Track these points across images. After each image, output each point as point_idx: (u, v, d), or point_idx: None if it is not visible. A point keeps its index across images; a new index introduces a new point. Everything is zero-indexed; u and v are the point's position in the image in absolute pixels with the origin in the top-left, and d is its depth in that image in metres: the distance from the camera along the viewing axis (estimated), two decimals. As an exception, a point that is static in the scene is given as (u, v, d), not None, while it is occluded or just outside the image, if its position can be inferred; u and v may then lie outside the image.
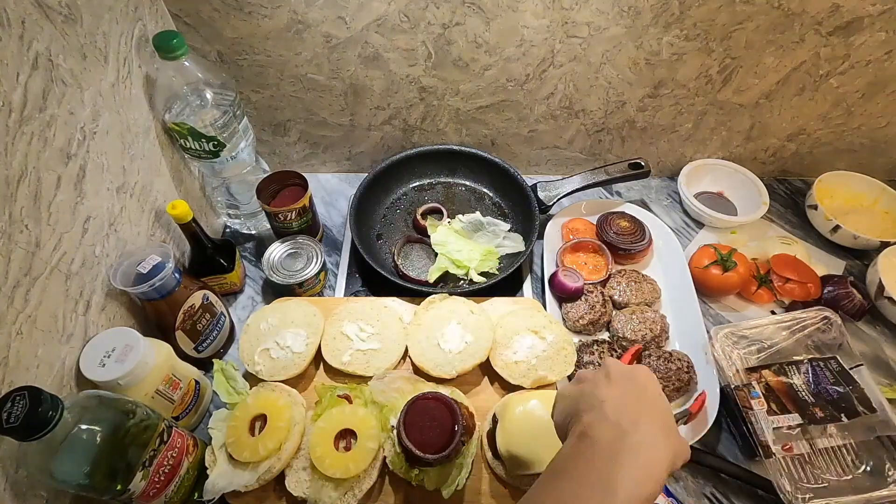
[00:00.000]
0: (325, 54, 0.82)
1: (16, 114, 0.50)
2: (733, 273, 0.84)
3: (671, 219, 1.00)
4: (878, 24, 0.79)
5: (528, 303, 0.82)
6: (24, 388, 0.44)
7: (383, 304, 0.79)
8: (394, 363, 0.73)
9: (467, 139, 0.99)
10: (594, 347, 0.77)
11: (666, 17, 0.78)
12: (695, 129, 0.97)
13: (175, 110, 0.72)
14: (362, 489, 0.61)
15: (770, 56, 0.84)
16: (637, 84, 0.88)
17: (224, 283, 0.81)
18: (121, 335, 0.59)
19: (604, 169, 0.94)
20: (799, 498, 0.62)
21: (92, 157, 0.60)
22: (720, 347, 0.75)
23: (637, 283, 0.85)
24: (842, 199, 1.01)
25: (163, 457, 0.55)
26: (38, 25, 0.52)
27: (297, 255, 0.83)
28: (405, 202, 0.98)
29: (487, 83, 0.87)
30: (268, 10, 0.75)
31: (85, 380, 0.57)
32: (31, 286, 0.52)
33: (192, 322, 0.70)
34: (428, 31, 0.79)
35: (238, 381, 0.68)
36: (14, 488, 0.50)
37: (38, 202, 0.53)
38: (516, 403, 0.65)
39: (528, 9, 0.76)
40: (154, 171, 0.74)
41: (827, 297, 0.84)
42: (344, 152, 1.01)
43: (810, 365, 0.74)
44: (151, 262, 0.64)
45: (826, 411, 0.69)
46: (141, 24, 0.69)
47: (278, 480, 0.63)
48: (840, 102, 0.92)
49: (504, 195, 0.98)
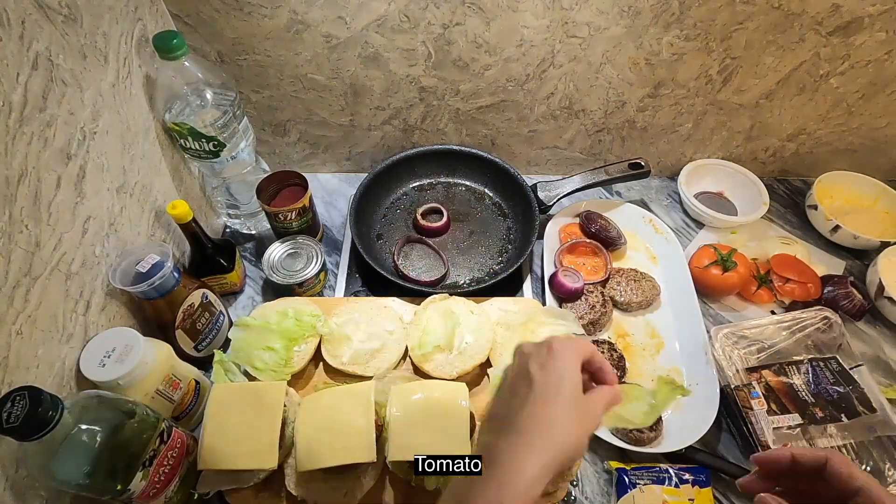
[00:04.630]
0: (325, 54, 0.82)
1: (16, 114, 0.50)
2: (733, 273, 0.84)
3: (671, 219, 1.00)
4: (878, 24, 0.79)
5: (528, 303, 0.82)
6: (24, 388, 0.44)
7: (383, 304, 0.79)
8: (394, 363, 0.73)
9: (467, 139, 0.99)
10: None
11: (666, 17, 0.78)
12: (695, 129, 0.97)
13: (175, 110, 0.72)
14: (362, 489, 0.61)
15: (770, 56, 0.84)
16: (637, 84, 0.88)
17: (224, 282, 0.81)
18: (121, 335, 0.59)
19: (604, 169, 0.94)
20: (799, 498, 0.62)
21: (92, 157, 0.60)
22: (720, 347, 0.75)
23: (637, 282, 0.85)
24: (842, 199, 1.01)
25: (163, 457, 0.55)
26: (38, 25, 0.52)
27: (297, 255, 0.83)
28: (405, 202, 0.98)
29: (487, 83, 0.87)
30: (268, 10, 0.75)
31: (85, 380, 0.57)
32: (31, 286, 0.52)
33: (192, 321, 0.70)
34: (428, 31, 0.79)
35: (237, 376, 0.68)
36: (14, 488, 0.50)
37: (38, 202, 0.53)
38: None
39: (528, 9, 0.76)
40: (154, 171, 0.74)
41: (827, 297, 0.84)
42: (344, 152, 1.01)
43: (810, 365, 0.74)
44: (150, 262, 0.64)
45: (826, 411, 0.69)
46: (141, 24, 0.69)
47: (278, 480, 0.63)
48: (840, 102, 0.92)
49: (504, 195, 0.98)
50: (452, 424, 0.61)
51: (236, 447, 0.60)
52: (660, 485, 0.65)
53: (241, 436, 0.60)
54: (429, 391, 0.64)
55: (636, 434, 0.68)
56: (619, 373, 0.75)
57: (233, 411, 0.62)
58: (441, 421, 0.61)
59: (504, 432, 0.41)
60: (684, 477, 0.66)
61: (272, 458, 0.60)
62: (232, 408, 0.62)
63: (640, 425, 0.50)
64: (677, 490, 0.65)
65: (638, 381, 0.76)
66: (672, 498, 0.65)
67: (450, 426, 0.61)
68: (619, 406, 0.46)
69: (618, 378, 0.74)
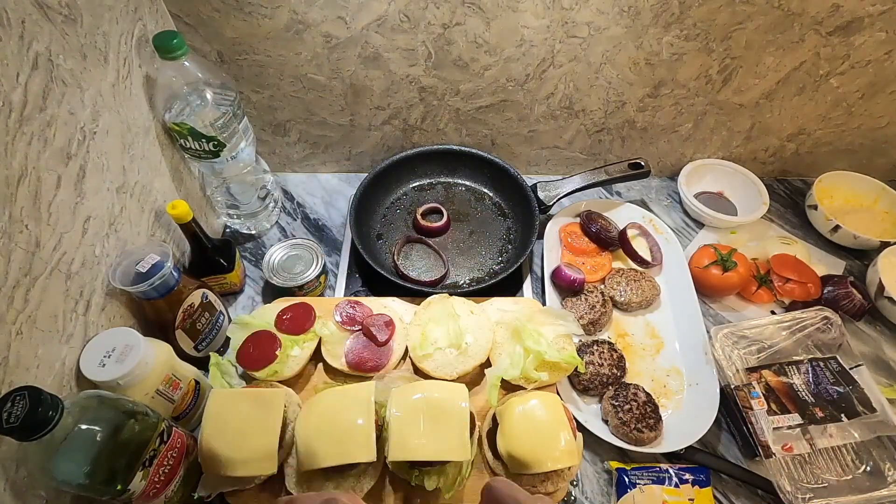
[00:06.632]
0: (325, 54, 0.82)
1: (16, 114, 0.50)
2: (733, 273, 0.84)
3: (671, 219, 1.00)
4: (878, 24, 0.79)
5: (528, 303, 0.82)
6: (24, 388, 0.44)
7: (383, 304, 0.79)
8: (394, 363, 0.73)
9: (467, 139, 0.99)
10: (594, 347, 0.77)
11: (666, 17, 0.78)
12: (695, 129, 0.97)
13: (175, 110, 0.71)
14: (362, 489, 0.61)
15: (770, 56, 0.84)
16: (637, 84, 0.88)
17: (224, 283, 0.81)
18: (121, 335, 0.59)
19: (604, 169, 0.94)
20: (799, 498, 0.62)
21: (92, 157, 0.60)
22: (720, 347, 0.75)
23: (637, 282, 0.85)
24: (842, 199, 1.01)
25: (163, 457, 0.55)
26: (38, 25, 0.52)
27: (297, 257, 0.83)
28: (405, 202, 0.98)
29: (487, 83, 0.87)
30: (268, 10, 0.75)
31: (85, 380, 0.57)
32: (31, 286, 0.52)
33: (192, 321, 0.70)
34: (428, 31, 0.79)
35: (233, 378, 0.68)
36: (14, 488, 0.50)
37: (38, 202, 0.53)
38: (517, 404, 0.65)
39: (528, 9, 0.76)
40: (154, 171, 0.74)
41: (827, 297, 0.84)
42: (344, 152, 1.01)
43: (810, 365, 0.74)
44: (150, 262, 0.64)
45: (826, 411, 0.69)
46: (141, 24, 0.69)
47: (278, 480, 0.63)
48: (840, 102, 0.92)
49: (504, 195, 0.98)
50: (453, 425, 0.61)
51: (235, 454, 0.59)
52: (660, 485, 0.65)
53: (240, 442, 0.60)
54: (429, 391, 0.64)
55: (636, 434, 0.68)
56: (619, 373, 0.75)
57: (232, 417, 0.62)
58: (441, 421, 0.61)
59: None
60: (684, 477, 0.66)
61: (272, 464, 0.60)
62: (231, 413, 0.62)
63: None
64: (677, 490, 0.65)
65: (638, 382, 0.76)
66: (672, 498, 0.65)
67: (450, 426, 0.61)
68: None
69: (616, 378, 0.75)
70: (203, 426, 0.61)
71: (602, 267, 0.88)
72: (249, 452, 0.60)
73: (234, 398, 0.64)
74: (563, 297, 0.85)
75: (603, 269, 0.88)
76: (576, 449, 0.62)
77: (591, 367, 0.74)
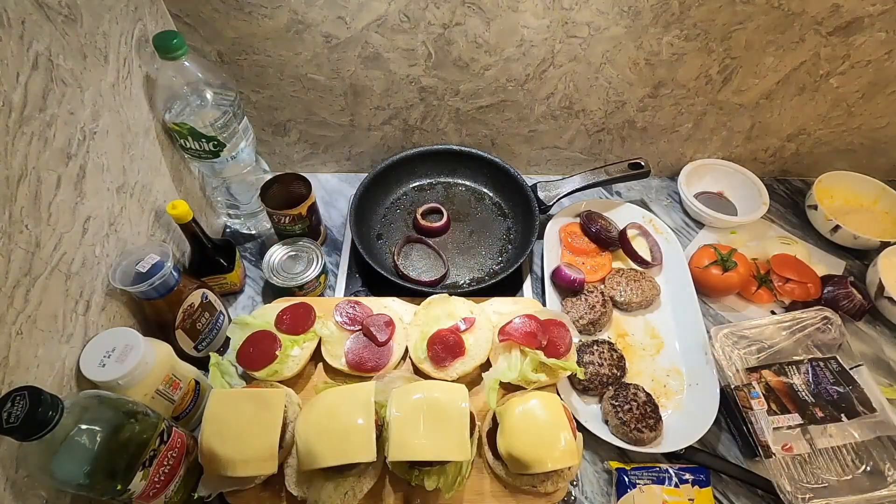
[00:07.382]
0: (325, 54, 0.82)
1: (16, 114, 0.50)
2: (733, 273, 0.84)
3: (671, 219, 1.00)
4: (878, 24, 0.79)
5: (528, 303, 0.82)
6: (24, 388, 0.44)
7: (383, 304, 0.79)
8: (394, 363, 0.73)
9: (467, 139, 0.99)
10: (594, 347, 0.77)
11: (666, 17, 0.78)
12: (695, 129, 0.97)
13: (175, 110, 0.71)
14: (362, 489, 0.61)
15: (770, 56, 0.84)
16: (637, 84, 0.88)
17: (224, 283, 0.81)
18: (121, 335, 0.59)
19: (604, 169, 0.94)
20: (799, 498, 0.62)
21: (92, 157, 0.60)
22: (720, 347, 0.75)
23: (637, 282, 0.85)
24: (842, 199, 1.01)
25: (163, 457, 0.55)
26: (38, 25, 0.52)
27: (297, 257, 0.83)
28: (405, 202, 0.98)
29: (487, 83, 0.87)
30: (268, 10, 0.75)
31: (85, 380, 0.57)
32: (31, 286, 0.52)
33: (192, 321, 0.70)
34: (428, 31, 0.79)
35: (234, 378, 0.68)
36: (14, 488, 0.50)
37: (38, 202, 0.53)
38: (517, 404, 0.65)
39: (528, 9, 0.76)
40: (154, 171, 0.74)
41: (827, 297, 0.84)
42: (344, 152, 1.01)
43: (810, 365, 0.74)
44: (150, 262, 0.64)
45: (826, 411, 0.69)
46: (141, 24, 0.69)
47: (279, 480, 0.63)
48: (840, 102, 0.92)
49: (504, 195, 0.98)
50: (452, 425, 0.61)
51: (236, 454, 0.59)
52: (660, 485, 0.65)
53: (240, 442, 0.60)
54: (429, 391, 0.64)
55: (636, 434, 0.68)
56: (619, 373, 0.75)
57: (232, 417, 0.62)
58: (441, 421, 0.61)
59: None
60: (684, 477, 0.66)
61: (272, 464, 0.60)
62: (231, 413, 0.62)
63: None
64: (677, 490, 0.65)
65: (638, 382, 0.76)
66: (672, 498, 0.65)
67: (450, 426, 0.61)
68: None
69: (616, 378, 0.75)
70: (203, 426, 0.61)
71: (602, 267, 0.88)
72: (249, 452, 0.60)
73: (234, 398, 0.64)
74: (563, 297, 0.85)
75: (603, 269, 0.88)
76: (576, 449, 0.62)
77: (591, 367, 0.74)
